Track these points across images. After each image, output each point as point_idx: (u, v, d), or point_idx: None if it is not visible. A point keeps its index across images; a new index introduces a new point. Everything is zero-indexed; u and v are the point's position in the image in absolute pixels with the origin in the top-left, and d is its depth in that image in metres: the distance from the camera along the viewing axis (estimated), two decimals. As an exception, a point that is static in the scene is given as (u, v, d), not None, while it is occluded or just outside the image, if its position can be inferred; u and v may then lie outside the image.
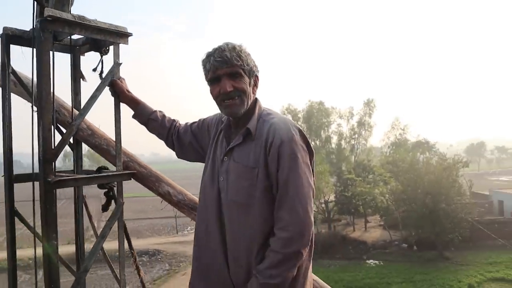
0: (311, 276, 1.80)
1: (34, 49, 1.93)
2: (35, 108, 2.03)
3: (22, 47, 2.07)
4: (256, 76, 1.77)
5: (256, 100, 1.80)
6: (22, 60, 2.16)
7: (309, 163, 1.69)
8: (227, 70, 1.68)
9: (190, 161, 2.15)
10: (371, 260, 28.45)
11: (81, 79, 2.36)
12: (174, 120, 2.16)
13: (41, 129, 1.77)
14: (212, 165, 1.81)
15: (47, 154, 1.77)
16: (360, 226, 35.49)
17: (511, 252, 27.16)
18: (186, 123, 2.14)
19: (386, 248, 30.52)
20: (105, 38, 2.04)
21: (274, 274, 1.55)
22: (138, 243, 29.61)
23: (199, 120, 2.09)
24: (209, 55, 1.71)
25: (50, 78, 1.81)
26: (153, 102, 2.33)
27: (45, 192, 1.77)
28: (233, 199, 1.67)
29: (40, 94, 1.78)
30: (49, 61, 1.81)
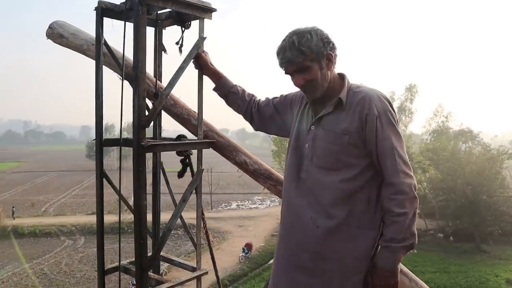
0: None
1: (126, 22, 2.07)
2: (121, 78, 2.19)
3: (113, 20, 2.23)
4: (328, 54, 1.81)
5: (343, 75, 1.89)
6: (111, 32, 2.33)
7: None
8: (294, 68, 1.80)
9: (269, 133, 2.27)
10: (405, 248, 28.16)
11: (162, 52, 2.49)
12: (253, 95, 2.27)
13: (136, 98, 1.91)
14: (297, 135, 1.93)
15: (142, 120, 1.91)
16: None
17: (554, 249, 26.25)
18: (267, 98, 2.25)
19: (421, 236, 29.92)
20: (192, 12, 2.15)
21: (406, 236, 1.67)
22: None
23: (281, 95, 2.19)
24: (277, 54, 1.84)
25: (145, 51, 1.94)
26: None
27: (138, 155, 1.92)
28: (319, 164, 1.80)
29: (136, 65, 1.92)
30: (145, 34, 1.94)
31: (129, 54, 2.38)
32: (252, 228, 31.98)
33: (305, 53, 1.75)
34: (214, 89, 2.28)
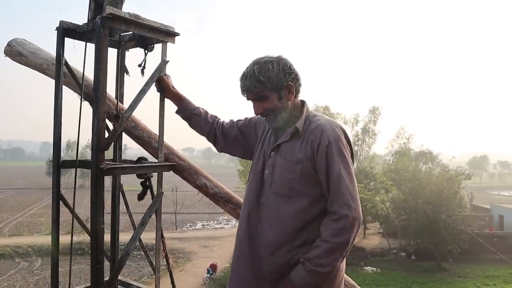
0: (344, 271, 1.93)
1: (87, 43, 2.06)
2: (81, 99, 2.16)
3: (75, 40, 2.21)
4: (288, 85, 1.86)
5: (303, 103, 1.95)
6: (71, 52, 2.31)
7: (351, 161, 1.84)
8: (252, 96, 1.89)
9: (233, 155, 2.31)
10: (369, 267, 28.48)
11: (124, 73, 2.48)
12: (216, 117, 2.30)
13: (96, 120, 1.89)
14: (258, 160, 1.96)
15: (101, 143, 1.89)
16: (359, 233, 35.22)
17: (509, 266, 27.17)
18: (231, 120, 2.28)
19: (384, 255, 30.55)
20: (155, 36, 2.16)
21: (324, 263, 1.67)
22: (138, 237, 29.80)
23: (246, 118, 2.23)
24: (240, 81, 1.90)
25: (106, 72, 1.93)
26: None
27: (96, 178, 1.89)
28: (276, 191, 1.82)
29: (97, 86, 1.91)
30: (107, 56, 1.94)
31: (90, 75, 2.37)
32: (217, 249, 31.56)
33: (263, 83, 1.81)
34: (177, 112, 2.28)
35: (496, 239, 30.39)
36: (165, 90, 2.26)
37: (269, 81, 1.82)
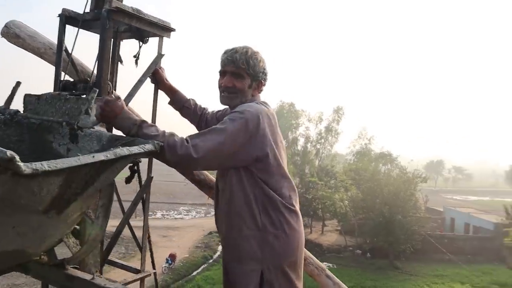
0: None
1: (81, 31, 2.18)
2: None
3: (75, 28, 2.31)
4: (261, 82, 2.10)
5: (256, 98, 2.10)
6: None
7: (244, 144, 1.86)
8: (232, 70, 2.02)
9: None
10: (325, 263, 29.15)
11: (118, 63, 2.60)
12: (204, 108, 2.47)
13: (98, 105, 2.02)
14: None
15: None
16: (317, 229, 36.37)
17: (457, 266, 28.57)
18: (213, 111, 2.45)
19: (340, 252, 31.44)
20: (153, 30, 2.30)
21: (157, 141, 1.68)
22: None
23: (224, 108, 2.35)
24: (225, 52, 2.06)
25: (109, 62, 2.06)
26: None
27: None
28: None
29: (99, 75, 2.03)
30: (111, 46, 2.07)
31: (85, 62, 2.49)
32: (177, 239, 31.53)
33: (250, 65, 2.00)
34: (169, 103, 2.44)
35: (446, 240, 31.88)
36: (159, 82, 2.41)
37: (254, 68, 2.02)
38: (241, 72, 2.02)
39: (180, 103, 2.43)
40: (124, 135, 1.78)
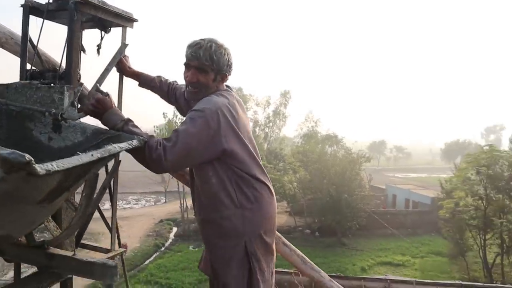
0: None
1: (46, 21, 2.25)
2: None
3: (37, 18, 2.36)
4: (225, 74, 2.18)
5: (220, 88, 2.21)
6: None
7: (209, 142, 1.99)
8: (196, 64, 2.11)
9: None
10: (276, 244, 29.98)
11: (81, 52, 2.67)
12: (170, 83, 2.60)
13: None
14: None
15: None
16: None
17: (399, 240, 30.35)
18: (181, 88, 2.54)
19: (290, 233, 32.25)
20: (118, 21, 2.39)
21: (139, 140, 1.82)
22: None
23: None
24: (189, 46, 2.13)
25: (78, 52, 2.15)
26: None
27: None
28: None
29: (69, 64, 2.12)
30: (79, 37, 2.16)
31: (48, 51, 2.55)
32: (126, 229, 31.07)
33: (213, 61, 2.09)
34: (139, 85, 2.59)
35: (389, 216, 33.73)
36: (123, 70, 2.52)
37: (218, 63, 2.11)
38: (205, 68, 2.10)
39: (147, 84, 2.59)
40: (108, 129, 1.90)
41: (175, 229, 33.11)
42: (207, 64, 2.09)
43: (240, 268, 2.12)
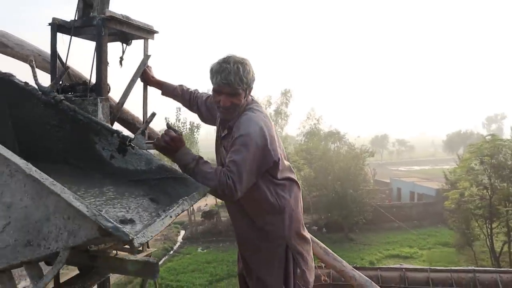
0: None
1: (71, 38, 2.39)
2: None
3: (64, 35, 2.51)
4: (251, 88, 2.23)
5: (250, 103, 2.30)
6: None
7: (261, 160, 2.12)
8: (228, 91, 2.12)
9: (213, 125, 2.62)
10: (284, 242, 30.05)
11: (105, 64, 2.82)
12: (191, 92, 2.71)
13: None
14: (216, 142, 2.42)
15: (105, 125, 2.26)
16: (274, 210, 37.16)
17: (405, 232, 30.44)
18: (202, 96, 2.67)
19: (298, 230, 32.41)
20: (140, 34, 2.54)
21: (202, 177, 2.01)
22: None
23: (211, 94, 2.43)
24: (217, 72, 2.11)
25: (107, 65, 2.30)
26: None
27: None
28: None
29: (99, 78, 2.27)
30: (107, 51, 2.30)
31: (75, 66, 2.70)
32: (135, 233, 31.20)
33: (244, 82, 2.13)
34: (162, 94, 2.73)
35: (395, 209, 33.87)
36: (147, 80, 2.67)
37: (247, 82, 2.15)
38: (238, 92, 2.13)
39: (169, 93, 2.72)
40: (175, 169, 2.02)
41: (182, 232, 33.23)
42: (239, 87, 2.13)
43: (282, 265, 2.28)
